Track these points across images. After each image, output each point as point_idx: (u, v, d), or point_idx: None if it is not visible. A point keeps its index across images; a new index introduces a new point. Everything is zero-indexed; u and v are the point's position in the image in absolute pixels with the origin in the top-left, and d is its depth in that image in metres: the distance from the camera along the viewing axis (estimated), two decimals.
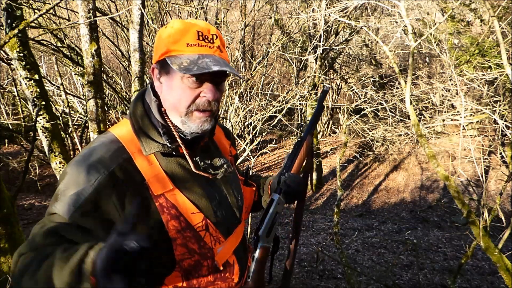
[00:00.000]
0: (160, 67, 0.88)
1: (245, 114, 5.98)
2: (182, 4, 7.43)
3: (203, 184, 0.91)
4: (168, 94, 0.87)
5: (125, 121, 0.92)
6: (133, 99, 0.95)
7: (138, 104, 0.91)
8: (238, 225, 0.99)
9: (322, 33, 7.22)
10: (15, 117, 10.03)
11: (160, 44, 0.87)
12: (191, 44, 0.84)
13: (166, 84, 0.87)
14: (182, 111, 0.86)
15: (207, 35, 0.86)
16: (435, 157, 3.10)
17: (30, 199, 7.74)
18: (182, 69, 0.80)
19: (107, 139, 0.86)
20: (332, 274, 4.53)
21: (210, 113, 0.87)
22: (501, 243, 2.63)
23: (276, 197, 1.02)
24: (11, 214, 2.38)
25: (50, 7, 2.35)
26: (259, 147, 9.31)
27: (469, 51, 6.51)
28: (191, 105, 0.85)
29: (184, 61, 0.82)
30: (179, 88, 0.84)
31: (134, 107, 0.91)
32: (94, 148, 0.84)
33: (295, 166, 1.12)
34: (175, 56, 0.83)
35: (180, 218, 0.83)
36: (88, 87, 3.14)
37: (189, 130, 0.87)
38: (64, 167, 0.80)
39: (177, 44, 0.84)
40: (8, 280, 2.09)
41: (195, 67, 0.81)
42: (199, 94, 0.85)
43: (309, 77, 8.71)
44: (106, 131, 0.91)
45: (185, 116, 0.86)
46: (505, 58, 2.89)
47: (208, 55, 0.84)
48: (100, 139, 0.87)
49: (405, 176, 9.87)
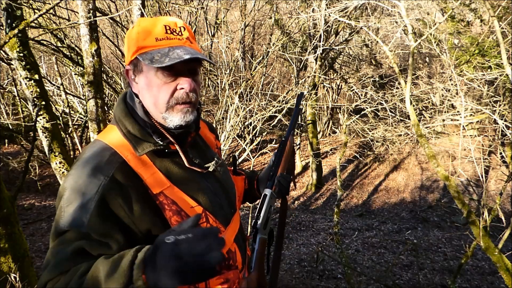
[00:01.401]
0: (134, 67, 0.89)
1: (245, 114, 5.98)
2: (182, 4, 7.43)
3: (197, 178, 0.92)
4: (146, 92, 0.87)
5: (111, 127, 0.91)
6: (116, 104, 0.94)
7: (122, 108, 0.91)
8: (235, 214, 1.02)
9: (322, 33, 7.22)
10: (15, 117, 10.04)
11: (130, 44, 0.87)
12: (160, 38, 0.85)
13: (142, 83, 0.88)
14: (162, 107, 0.86)
15: (175, 28, 0.87)
16: (435, 157, 3.10)
17: (30, 199, 7.74)
18: (154, 62, 0.81)
19: (98, 148, 0.85)
20: (332, 274, 4.53)
21: (190, 104, 0.88)
22: (501, 243, 2.63)
23: (269, 192, 1.08)
24: (11, 214, 2.38)
25: (50, 7, 2.35)
26: (259, 147, 9.30)
27: (469, 51, 6.51)
28: (170, 99, 0.85)
29: (155, 55, 0.82)
30: (154, 85, 0.85)
31: (118, 112, 0.90)
32: (87, 159, 0.83)
33: (282, 164, 1.16)
34: (146, 53, 0.84)
35: (181, 213, 0.85)
36: (88, 87, 3.14)
37: (173, 124, 0.87)
38: (60, 187, 0.80)
39: (146, 40, 0.84)
40: (8, 280, 2.09)
41: (167, 58, 0.81)
42: (175, 87, 0.86)
43: (309, 77, 8.71)
44: (94, 140, 0.90)
45: (166, 112, 0.86)
46: (505, 58, 2.89)
47: (178, 47, 0.84)
48: (90, 149, 0.86)
49: (405, 176, 9.87)
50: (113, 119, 0.92)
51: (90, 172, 0.79)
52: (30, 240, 5.23)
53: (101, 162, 0.81)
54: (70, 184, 0.79)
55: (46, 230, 5.83)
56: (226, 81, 6.04)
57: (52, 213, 6.66)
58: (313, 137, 9.49)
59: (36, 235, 5.58)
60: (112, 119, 0.93)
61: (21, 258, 2.41)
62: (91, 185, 0.77)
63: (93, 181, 0.78)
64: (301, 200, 9.40)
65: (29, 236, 5.43)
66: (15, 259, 2.37)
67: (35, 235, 5.58)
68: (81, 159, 0.84)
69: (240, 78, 8.12)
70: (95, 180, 0.78)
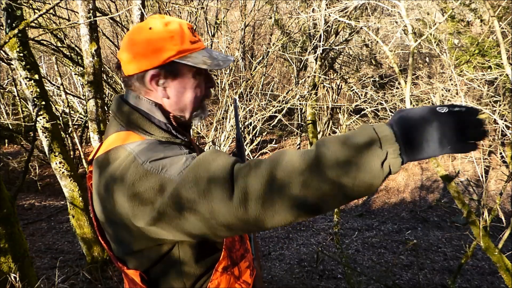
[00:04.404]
0: (166, 72, 0.84)
1: (245, 114, 5.98)
2: (182, 4, 7.44)
3: None
4: (180, 95, 0.87)
5: (124, 135, 0.84)
6: (122, 111, 0.87)
7: (135, 114, 0.85)
8: None
9: (322, 33, 7.22)
10: (15, 117, 10.03)
11: (157, 46, 0.81)
12: (193, 41, 0.85)
13: (176, 87, 0.86)
14: (197, 107, 0.91)
15: (192, 30, 0.89)
16: (435, 157, 3.10)
17: (30, 199, 7.74)
18: (211, 66, 0.83)
19: (140, 144, 0.79)
20: (332, 274, 4.53)
21: None
22: (501, 243, 2.63)
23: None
24: (11, 214, 2.38)
25: (50, 7, 2.35)
26: (259, 147, 9.31)
27: (469, 51, 6.51)
28: (204, 98, 0.92)
29: (204, 59, 0.84)
30: (192, 86, 0.87)
31: (132, 119, 0.85)
32: (146, 148, 0.77)
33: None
34: (189, 56, 0.83)
35: None
36: (88, 87, 3.14)
37: (199, 120, 0.93)
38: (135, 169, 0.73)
39: (185, 44, 0.83)
40: (8, 280, 2.09)
41: (219, 61, 0.85)
42: (206, 86, 0.92)
43: (309, 77, 8.71)
44: (120, 146, 0.79)
45: (199, 110, 0.92)
46: (505, 58, 2.89)
47: (207, 49, 0.88)
48: (126, 146, 0.78)
49: (405, 176, 9.88)
50: (127, 126, 0.85)
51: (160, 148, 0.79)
52: (30, 240, 5.23)
53: (160, 144, 0.81)
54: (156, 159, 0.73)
55: (46, 230, 5.83)
56: (226, 81, 6.04)
57: (52, 213, 6.67)
58: (313, 137, 9.50)
59: (36, 235, 5.58)
60: (119, 126, 0.87)
61: (21, 258, 2.41)
62: (173, 150, 0.78)
63: (171, 147, 0.80)
64: None
65: (29, 236, 5.42)
66: (15, 259, 2.37)
67: (35, 235, 5.58)
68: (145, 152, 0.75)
69: (240, 78, 8.12)
70: (171, 147, 0.80)
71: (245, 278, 0.92)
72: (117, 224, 0.78)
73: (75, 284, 3.64)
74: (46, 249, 4.94)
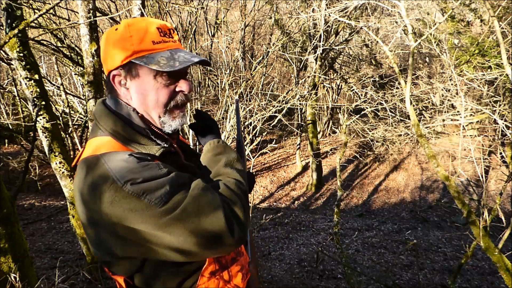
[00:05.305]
0: (126, 72, 0.83)
1: (245, 114, 5.98)
2: (182, 4, 7.44)
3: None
4: (141, 97, 0.84)
5: (103, 139, 0.84)
6: (101, 116, 0.86)
7: (112, 118, 0.84)
8: None
9: (322, 33, 7.22)
10: (15, 117, 10.03)
11: (118, 46, 0.82)
12: (157, 41, 0.82)
13: (136, 88, 0.84)
14: (161, 111, 0.85)
15: (166, 30, 0.85)
16: (435, 157, 3.10)
17: (30, 199, 7.74)
18: (163, 67, 0.78)
19: (115, 156, 0.78)
20: (332, 274, 4.53)
21: (184, 107, 0.89)
22: (501, 243, 2.63)
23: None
24: (11, 214, 2.38)
25: (50, 7, 2.34)
26: (259, 147, 9.31)
27: (469, 51, 6.51)
28: (169, 102, 0.85)
29: (160, 59, 0.80)
30: (152, 88, 0.83)
31: (109, 123, 0.84)
32: (115, 164, 0.76)
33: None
34: (145, 56, 0.80)
35: None
36: (88, 87, 3.14)
37: (170, 129, 0.87)
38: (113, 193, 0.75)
39: (143, 44, 0.81)
40: (8, 280, 2.09)
41: (176, 62, 0.80)
42: (174, 89, 0.85)
43: (309, 77, 8.72)
44: (93, 156, 0.79)
45: (165, 116, 0.86)
46: (505, 58, 2.89)
47: (176, 50, 0.84)
48: (105, 163, 0.76)
49: (405, 176, 9.88)
50: (106, 131, 0.84)
51: (143, 162, 0.79)
52: (30, 240, 5.23)
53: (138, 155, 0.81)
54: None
55: (46, 230, 5.84)
56: (226, 81, 6.04)
57: (52, 213, 6.67)
58: (313, 137, 9.50)
59: (36, 235, 5.58)
60: (99, 131, 0.86)
61: (21, 258, 2.41)
62: (148, 165, 0.77)
63: (148, 164, 0.79)
64: (301, 200, 9.40)
65: (29, 236, 5.43)
66: (15, 259, 2.36)
67: (35, 235, 5.58)
68: (114, 167, 0.75)
69: (240, 78, 8.12)
70: (147, 162, 0.79)
71: (236, 282, 0.91)
72: (98, 230, 0.78)
73: (75, 284, 3.64)
74: (46, 249, 4.94)
